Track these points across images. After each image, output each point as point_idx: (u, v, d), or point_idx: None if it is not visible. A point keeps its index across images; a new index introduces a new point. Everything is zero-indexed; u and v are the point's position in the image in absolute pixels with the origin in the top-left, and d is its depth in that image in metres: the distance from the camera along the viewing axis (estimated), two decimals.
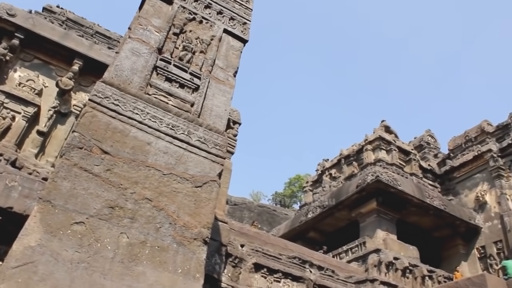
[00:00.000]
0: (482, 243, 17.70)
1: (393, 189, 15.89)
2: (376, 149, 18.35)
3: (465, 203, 19.08)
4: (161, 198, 4.79)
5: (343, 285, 11.87)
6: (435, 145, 23.04)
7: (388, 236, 15.55)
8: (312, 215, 18.31)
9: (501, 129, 19.55)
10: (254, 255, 10.39)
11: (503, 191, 17.85)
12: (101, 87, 5.21)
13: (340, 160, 19.81)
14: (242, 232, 10.76)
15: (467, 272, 16.99)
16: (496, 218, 17.75)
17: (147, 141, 5.10)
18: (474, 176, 19.43)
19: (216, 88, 6.37)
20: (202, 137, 5.51)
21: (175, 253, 4.56)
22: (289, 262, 11.02)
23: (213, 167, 5.37)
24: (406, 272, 13.46)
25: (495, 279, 10.41)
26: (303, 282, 10.97)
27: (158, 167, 4.98)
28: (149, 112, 5.33)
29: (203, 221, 4.91)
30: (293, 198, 47.34)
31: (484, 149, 19.05)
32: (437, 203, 17.01)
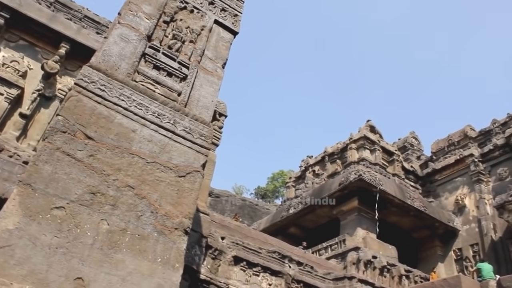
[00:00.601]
0: (459, 246, 17.97)
1: (375, 189, 16.01)
2: (360, 148, 18.46)
3: (445, 206, 19.33)
4: (143, 186, 4.75)
5: (321, 281, 11.95)
6: (419, 147, 23.29)
7: (368, 234, 15.68)
8: (294, 211, 18.38)
9: (483, 134, 19.83)
10: (234, 248, 10.40)
11: (482, 196, 18.12)
12: (88, 71, 5.14)
13: (324, 157, 19.89)
14: (223, 225, 10.76)
15: (443, 273, 17.24)
16: (474, 222, 18.03)
17: (132, 128, 5.05)
18: (455, 180, 19.68)
19: (204, 79, 6.33)
20: (187, 127, 5.47)
21: (155, 242, 4.53)
22: (268, 257, 11.05)
23: (197, 158, 5.34)
24: (384, 271, 13.60)
25: (469, 281, 10.56)
26: (282, 276, 11.02)
27: (142, 155, 4.93)
28: (136, 99, 5.28)
29: (185, 211, 4.88)
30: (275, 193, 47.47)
31: (466, 154, 19.31)
32: (418, 204, 17.20)
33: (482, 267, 13.20)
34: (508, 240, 16.47)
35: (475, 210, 18.17)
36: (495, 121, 19.56)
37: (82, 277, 4.06)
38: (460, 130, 20.73)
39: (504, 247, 16.54)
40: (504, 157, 18.30)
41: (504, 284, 9.67)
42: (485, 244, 17.01)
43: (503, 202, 15.76)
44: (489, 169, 18.70)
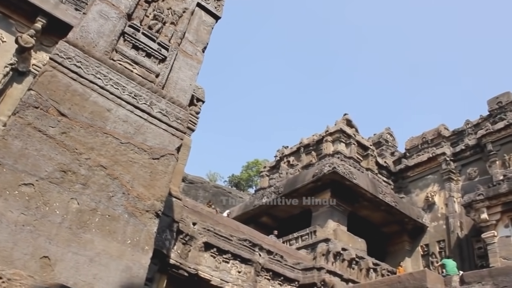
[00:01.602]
0: (426, 242, 18.37)
1: (348, 182, 16.18)
2: (335, 141, 18.60)
3: (415, 202, 19.70)
4: (116, 167, 4.68)
5: (291, 271, 12.05)
6: (393, 143, 23.63)
7: (338, 227, 15.87)
8: (267, 200, 18.45)
9: (456, 134, 20.22)
10: (205, 234, 10.38)
11: (451, 194, 18.53)
12: (64, 47, 5.01)
13: (300, 148, 19.99)
14: (195, 210, 10.72)
15: (409, 267, 17.60)
16: (442, 219, 18.43)
17: (107, 108, 4.95)
18: (426, 177, 20.06)
19: (183, 62, 6.25)
20: (164, 109, 5.40)
21: (125, 224, 4.48)
22: (239, 244, 11.07)
23: (172, 141, 5.27)
24: (353, 263, 13.79)
25: (434, 276, 10.79)
26: (251, 264, 11.07)
27: (116, 135, 4.85)
28: (112, 78, 5.17)
29: (157, 193, 4.83)
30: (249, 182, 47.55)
31: (438, 152, 19.67)
32: (389, 199, 17.47)
33: (447, 263, 13.52)
34: (473, 238, 16.88)
35: (444, 208, 18.58)
36: (468, 122, 19.95)
37: (48, 256, 3.98)
38: (434, 128, 21.09)
39: (469, 244, 16.97)
40: (474, 158, 18.71)
41: (466, 280, 9.91)
42: (451, 241, 17.44)
43: (471, 201, 16.13)
44: (460, 168, 19.11)
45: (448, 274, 12.25)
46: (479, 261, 16.03)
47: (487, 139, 17.99)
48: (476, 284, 9.49)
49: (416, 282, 10.18)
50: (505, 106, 18.41)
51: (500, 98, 18.75)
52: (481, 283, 9.43)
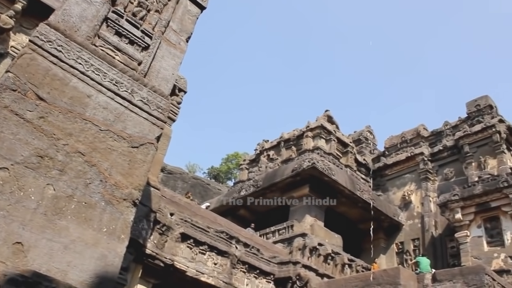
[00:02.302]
0: (401, 239, 18.64)
1: (327, 178, 16.28)
2: (316, 137, 18.68)
3: (392, 200, 19.95)
4: (94, 154, 4.62)
5: (267, 264, 12.09)
6: (373, 142, 23.86)
7: (316, 222, 15.97)
8: (245, 193, 18.46)
9: (435, 135, 20.50)
10: (182, 225, 10.34)
11: (427, 193, 18.81)
12: (45, 29, 4.91)
13: (280, 142, 20.02)
14: (173, 201, 10.66)
15: (384, 264, 17.85)
16: (417, 218, 18.71)
17: (88, 94, 4.88)
18: (404, 176, 20.32)
19: (167, 51, 6.19)
20: (145, 98, 5.34)
21: (102, 211, 4.43)
22: (216, 236, 11.06)
23: (152, 130, 5.23)
24: (328, 259, 13.90)
25: (408, 273, 10.96)
26: (228, 257, 11.07)
27: (96, 122, 4.78)
28: (94, 64, 5.09)
29: (135, 182, 4.78)
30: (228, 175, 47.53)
31: (417, 152, 19.93)
32: (367, 196, 17.64)
33: (421, 261, 13.75)
34: (446, 237, 17.19)
35: (420, 207, 18.86)
36: (447, 123, 20.24)
37: (21, 242, 3.92)
38: (413, 128, 21.35)
39: (443, 243, 17.28)
40: (451, 158, 19.01)
41: (438, 278, 10.08)
42: (426, 239, 17.73)
43: (446, 201, 16.40)
44: (437, 168, 19.40)
45: (421, 272, 12.46)
46: (452, 260, 16.34)
47: (464, 141, 18.29)
48: (447, 282, 9.67)
49: (389, 278, 10.32)
50: (483, 109, 18.72)
51: (479, 101, 19.05)
52: (452, 281, 9.61)
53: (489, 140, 17.63)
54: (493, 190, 15.55)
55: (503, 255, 14.76)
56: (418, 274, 11.35)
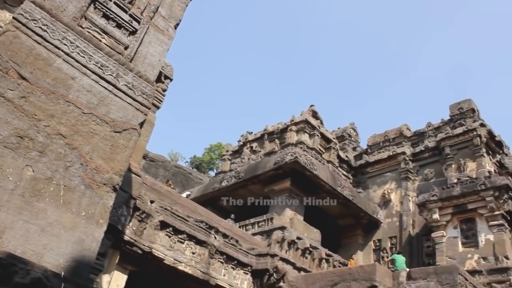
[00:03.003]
0: (379, 237, 18.86)
1: (308, 172, 16.34)
2: (300, 131, 18.73)
3: (372, 198, 20.14)
4: (76, 137, 4.55)
5: (244, 255, 12.13)
6: (356, 139, 24.02)
7: (295, 216, 16.04)
8: (226, 184, 18.45)
9: (417, 135, 20.73)
10: (162, 213, 10.30)
11: (407, 193, 19.03)
12: (30, 7, 4.80)
13: (264, 135, 20.03)
14: (154, 188, 10.60)
15: (361, 260, 18.05)
16: (396, 216, 18.93)
17: (72, 75, 4.80)
18: (385, 174, 20.52)
19: (154, 37, 6.12)
20: (130, 83, 5.28)
21: (81, 195, 4.37)
22: (195, 225, 11.05)
23: (136, 115, 5.17)
24: (306, 253, 13.99)
25: (383, 270, 11.09)
26: (206, 246, 11.07)
27: (79, 105, 4.71)
28: (79, 46, 5.00)
29: (116, 167, 4.74)
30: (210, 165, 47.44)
31: (398, 151, 20.13)
32: (347, 193, 17.76)
33: (397, 259, 13.93)
34: (423, 237, 17.44)
35: (399, 205, 19.09)
36: (430, 125, 20.47)
37: None
38: (397, 128, 21.54)
39: (419, 242, 17.53)
40: (432, 159, 19.25)
41: (413, 276, 10.23)
42: (403, 237, 17.96)
43: (425, 201, 16.62)
44: (418, 168, 19.63)
45: (397, 269, 12.62)
46: (427, 259, 16.59)
47: (445, 143, 18.52)
48: (421, 280, 9.81)
49: (365, 274, 10.43)
50: (466, 112, 18.96)
51: (462, 105, 19.29)
52: (426, 280, 9.76)
53: (469, 143, 17.88)
54: (471, 192, 15.81)
55: (477, 256, 15.04)
56: (394, 272, 11.50)
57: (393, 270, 12.63)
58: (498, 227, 15.18)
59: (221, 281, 11.32)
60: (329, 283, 10.97)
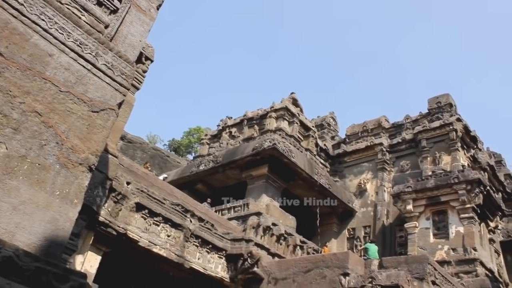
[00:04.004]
0: (353, 226, 19.14)
1: (286, 159, 16.42)
2: (279, 118, 18.77)
3: (348, 187, 20.38)
4: (52, 115, 4.47)
5: (220, 240, 12.18)
6: (335, 128, 24.22)
7: (271, 202, 16.14)
8: (204, 168, 18.44)
9: (395, 127, 21.00)
10: (138, 195, 10.25)
11: (383, 183, 19.32)
12: None
13: (243, 120, 20.02)
14: (130, 170, 10.53)
15: (334, 248, 18.32)
16: (371, 206, 19.22)
17: (49, 52, 4.69)
18: (362, 164, 20.77)
19: (136, 16, 6.01)
20: (109, 62, 5.19)
21: (56, 174, 4.31)
22: (171, 208, 11.03)
23: (114, 96, 5.10)
24: (281, 239, 14.12)
25: (356, 258, 11.28)
26: (182, 230, 11.08)
27: (56, 82, 4.62)
28: (58, 22, 4.88)
29: (92, 147, 4.68)
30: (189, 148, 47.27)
31: (376, 142, 20.37)
32: (324, 181, 17.93)
33: (369, 247, 14.18)
34: (396, 227, 17.77)
35: (374, 195, 19.38)
36: (408, 117, 20.74)
37: None
38: (375, 119, 21.76)
39: (392, 232, 17.86)
40: (408, 151, 19.55)
41: (384, 264, 10.43)
42: (377, 227, 18.27)
43: (400, 192, 16.90)
44: (394, 160, 19.92)
45: (369, 258, 12.86)
46: (399, 249, 16.94)
47: (422, 136, 18.81)
48: (392, 269, 10.01)
49: (338, 262, 10.60)
50: (443, 106, 19.25)
51: (440, 99, 19.57)
52: (397, 269, 9.96)
53: (445, 137, 18.21)
54: (444, 185, 16.14)
55: (447, 247, 15.42)
56: (366, 260, 11.70)
57: (365, 258, 12.86)
58: (468, 220, 15.55)
59: (196, 265, 11.36)
60: (303, 269, 11.12)
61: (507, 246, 19.59)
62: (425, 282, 9.78)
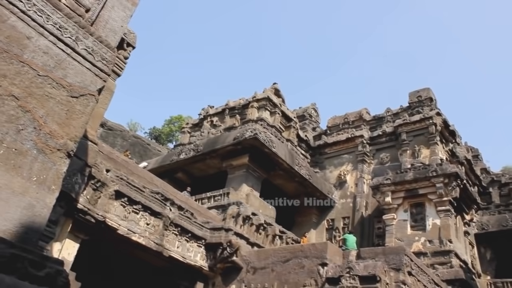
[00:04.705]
0: (332, 216, 19.31)
1: (267, 150, 16.44)
2: (261, 108, 18.76)
3: (328, 178, 20.52)
4: (30, 100, 4.37)
5: (199, 228, 12.16)
6: (316, 119, 24.31)
7: (252, 192, 16.17)
8: (185, 157, 18.37)
9: (376, 120, 21.17)
10: (117, 183, 10.15)
11: (362, 175, 19.50)
12: None
13: (225, 110, 19.96)
14: (110, 157, 10.41)
15: (313, 239, 18.46)
16: (350, 197, 19.40)
17: (27, 35, 4.58)
18: (342, 156, 20.91)
19: (117, 1, 5.90)
20: (90, 47, 5.09)
21: (33, 160, 4.23)
22: (151, 197, 10.96)
23: (94, 81, 5.01)
24: (260, 229, 14.17)
25: (334, 248, 11.38)
26: (161, 218, 11.03)
27: (34, 66, 4.51)
28: (36, 4, 4.76)
29: (71, 133, 4.60)
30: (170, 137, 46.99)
31: (357, 134, 20.52)
32: (304, 172, 18.01)
33: (348, 238, 14.31)
34: (375, 218, 17.98)
35: (354, 187, 19.55)
36: (389, 110, 20.92)
37: None
38: (357, 111, 21.90)
39: (371, 223, 18.07)
40: (388, 144, 19.75)
41: (362, 255, 10.55)
42: (355, 218, 18.46)
43: (379, 184, 17.07)
44: (374, 152, 20.11)
45: (347, 249, 12.98)
46: (377, 240, 17.16)
47: (402, 129, 19.01)
48: (370, 260, 10.13)
49: (317, 252, 10.68)
50: (424, 100, 19.47)
51: (421, 93, 19.78)
52: (374, 259, 10.08)
53: (425, 131, 18.44)
54: (423, 178, 16.36)
55: (423, 239, 15.67)
56: (344, 251, 11.82)
57: (344, 249, 12.98)
58: (445, 212, 15.82)
59: (175, 253, 11.34)
60: (281, 259, 11.18)
61: (481, 239, 20.02)
62: (402, 273, 9.93)
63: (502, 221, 19.90)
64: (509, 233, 19.45)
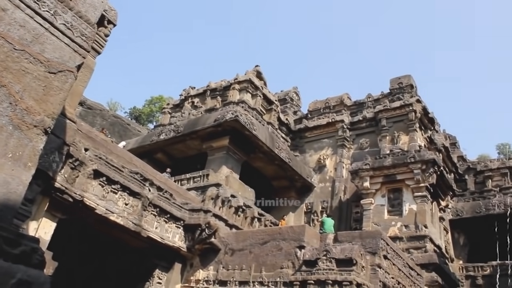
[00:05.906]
0: (311, 200, 19.47)
1: (247, 132, 16.43)
2: (243, 90, 18.69)
3: (308, 162, 20.63)
4: (5, 74, 4.25)
5: (178, 209, 12.14)
6: (298, 103, 24.34)
7: (231, 174, 16.18)
8: (165, 137, 18.26)
9: (357, 105, 21.29)
10: (96, 162, 10.03)
11: (342, 160, 19.65)
12: None
13: (206, 91, 19.84)
14: (89, 136, 10.27)
15: (292, 222, 18.63)
16: (329, 181, 19.56)
17: (3, 7, 4.42)
18: (322, 140, 21.02)
19: None
20: (69, 22, 4.96)
21: (8, 136, 4.13)
22: (130, 177, 10.87)
23: (73, 57, 4.89)
24: (239, 211, 14.21)
25: (312, 231, 11.49)
26: (140, 198, 10.96)
27: (10, 40, 4.38)
28: None
29: (49, 110, 4.50)
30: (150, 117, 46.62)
31: (337, 119, 20.63)
32: (284, 155, 18.08)
33: (325, 221, 14.46)
34: (353, 203, 18.19)
35: (333, 171, 19.71)
36: (370, 96, 21.03)
37: None
38: (338, 96, 21.98)
39: (349, 207, 18.28)
40: (368, 130, 19.91)
41: (339, 239, 10.68)
42: (334, 202, 18.64)
43: (358, 169, 17.24)
44: (354, 137, 20.26)
45: (325, 232, 13.12)
46: (354, 224, 17.39)
47: (382, 115, 19.16)
48: (347, 243, 10.25)
49: (295, 235, 10.77)
50: (404, 87, 19.62)
51: (402, 80, 19.91)
52: (351, 243, 10.22)
53: (405, 118, 18.63)
54: (401, 164, 16.57)
55: (400, 224, 15.94)
56: (322, 234, 11.94)
57: (321, 232, 13.12)
58: (421, 198, 16.08)
59: (153, 234, 11.31)
60: (259, 241, 11.25)
61: (456, 224, 20.46)
62: (377, 256, 10.09)
63: (476, 207, 20.34)
64: (482, 220, 19.92)
